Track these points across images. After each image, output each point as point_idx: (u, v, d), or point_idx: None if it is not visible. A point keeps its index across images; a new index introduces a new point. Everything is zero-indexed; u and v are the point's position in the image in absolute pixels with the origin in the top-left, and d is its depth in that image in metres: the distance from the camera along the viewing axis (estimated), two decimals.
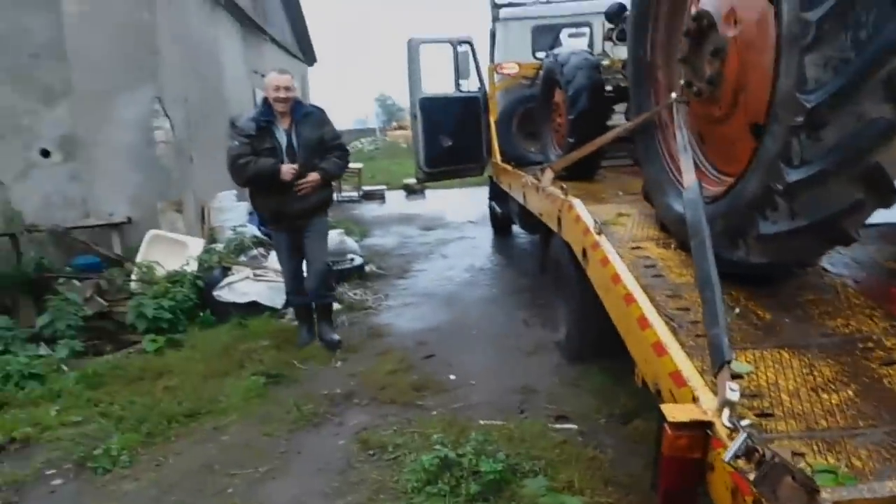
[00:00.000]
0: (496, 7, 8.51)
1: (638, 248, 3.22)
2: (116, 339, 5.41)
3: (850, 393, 2.13)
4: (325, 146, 4.86)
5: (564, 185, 4.09)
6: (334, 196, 8.14)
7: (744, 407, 2.00)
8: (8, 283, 6.15)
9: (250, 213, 8.69)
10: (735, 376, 2.09)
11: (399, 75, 66.98)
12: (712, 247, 2.36)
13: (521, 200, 5.88)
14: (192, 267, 6.19)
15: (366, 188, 15.98)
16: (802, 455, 1.81)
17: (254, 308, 5.76)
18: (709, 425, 1.84)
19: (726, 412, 1.79)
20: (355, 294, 6.60)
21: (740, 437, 1.61)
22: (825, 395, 2.12)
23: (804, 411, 2.04)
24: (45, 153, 7.03)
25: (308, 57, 19.37)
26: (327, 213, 5.21)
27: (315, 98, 19.00)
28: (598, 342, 4.04)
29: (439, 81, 9.08)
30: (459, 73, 8.38)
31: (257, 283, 5.94)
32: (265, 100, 4.79)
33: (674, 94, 3.13)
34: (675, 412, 1.91)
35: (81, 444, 3.63)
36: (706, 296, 2.17)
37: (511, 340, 5.12)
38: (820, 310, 2.64)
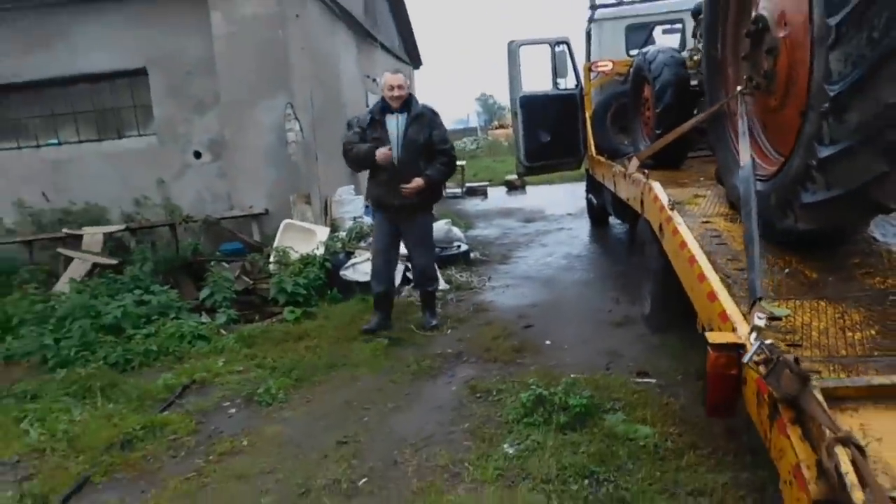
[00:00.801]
0: (593, 8, 8.98)
1: (708, 222, 3.72)
2: (262, 310, 6.40)
3: (873, 332, 2.58)
4: (432, 148, 5.19)
5: (646, 171, 4.61)
6: (443, 192, 8.83)
7: (778, 339, 2.50)
8: (170, 265, 7.36)
9: (366, 206, 9.67)
10: (774, 318, 2.62)
11: (500, 75, 67.56)
12: (769, 217, 2.86)
13: (612, 189, 6.38)
14: (321, 251, 7.12)
15: (469, 184, 16.72)
16: (819, 372, 2.30)
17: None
18: (741, 346, 2.37)
19: (754, 335, 2.32)
20: (461, 276, 7.32)
21: (756, 344, 2.15)
22: (850, 333, 2.58)
23: (829, 344, 2.52)
24: (198, 155, 8.25)
25: (414, 60, 20.37)
26: (431, 212, 5.49)
27: (420, 99, 20.01)
28: (677, 313, 4.51)
29: (538, 80, 9.71)
30: (557, 72, 8.96)
31: None
32: (382, 98, 5.24)
33: (739, 87, 3.60)
34: (716, 337, 2.45)
35: (246, 386, 4.55)
36: (749, 250, 2.68)
37: (602, 315, 5.66)
38: (862, 271, 3.06)
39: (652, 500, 2.80)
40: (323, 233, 7.61)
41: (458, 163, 18.16)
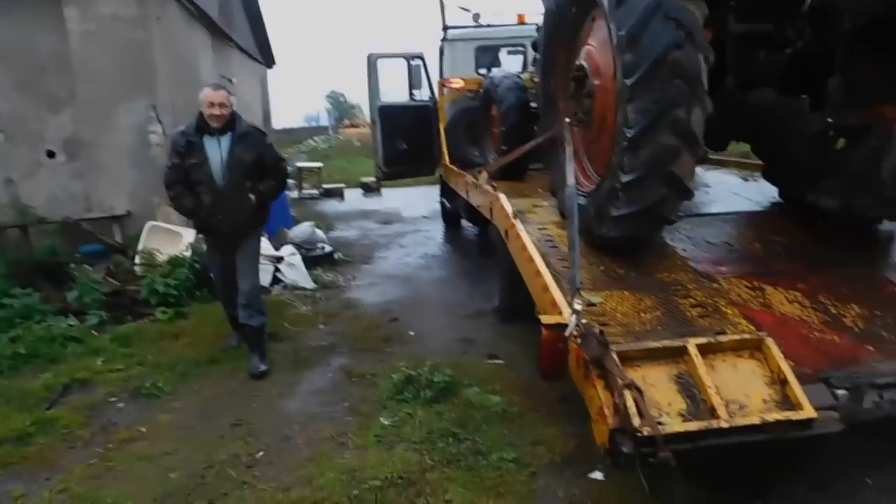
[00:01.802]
0: (445, 29, 9.80)
1: (544, 228, 4.56)
2: (133, 311, 6.49)
3: (659, 314, 3.50)
4: (264, 169, 4.89)
5: (494, 184, 5.41)
6: (296, 194, 9.11)
7: (592, 319, 3.31)
8: (23, 268, 7.17)
9: None
10: (590, 304, 3.45)
11: (350, 73, 67.74)
12: (589, 225, 3.72)
13: (465, 196, 7.18)
14: (189, 253, 7.28)
15: (325, 186, 17.05)
16: (619, 342, 3.13)
17: None
18: (566, 325, 3.16)
19: (574, 316, 3.11)
20: (328, 276, 7.81)
21: (573, 320, 2.94)
22: (644, 315, 3.48)
23: (628, 322, 3.40)
24: (51, 154, 8.03)
25: (267, 59, 20.29)
26: (260, 234, 5.26)
27: (271, 97, 19.98)
28: (521, 306, 5.35)
29: (395, 90, 10.40)
30: (412, 85, 9.71)
31: None
32: (200, 114, 4.72)
33: (567, 119, 4.47)
34: (547, 319, 3.22)
35: (131, 381, 4.80)
36: (571, 252, 3.50)
37: (457, 308, 6.44)
38: (656, 266, 4.02)
39: (501, 450, 3.55)
40: (190, 234, 7.75)
41: (316, 165, 18.47)
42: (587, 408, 2.98)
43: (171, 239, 7.55)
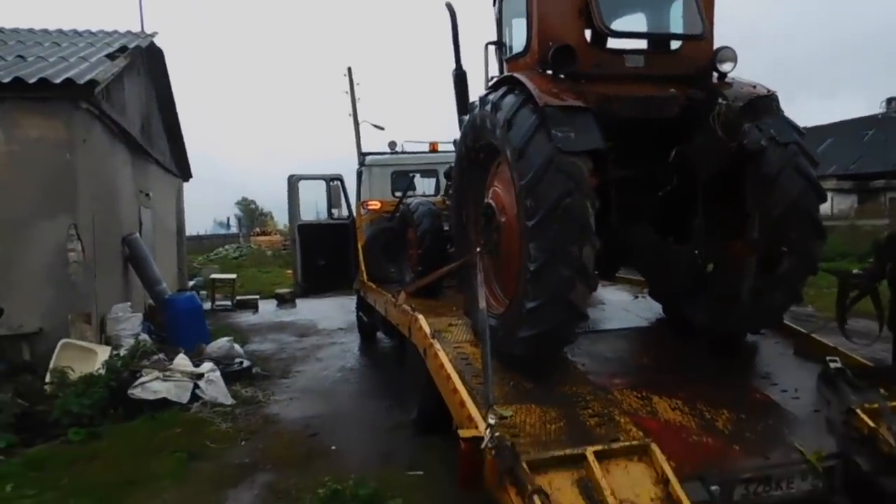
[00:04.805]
0: (362, 155, 10.55)
1: (459, 347, 5.02)
2: (43, 433, 6.32)
3: (562, 424, 3.96)
4: None
5: (413, 305, 5.88)
6: (208, 305, 8.97)
7: (504, 431, 3.71)
8: None
9: (143, 322, 9.78)
10: (503, 417, 3.88)
11: (261, 176, 68.37)
12: (500, 345, 4.21)
13: (383, 312, 7.60)
14: (103, 371, 7.22)
15: (239, 297, 17.01)
16: (528, 452, 3.54)
17: (163, 404, 6.90)
18: (482, 438, 3.55)
19: (488, 430, 3.51)
20: (246, 391, 7.87)
21: (488, 436, 3.34)
22: (549, 425, 3.94)
23: (536, 433, 3.84)
24: None
25: (184, 172, 20.51)
26: None
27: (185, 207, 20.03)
28: (438, 418, 5.69)
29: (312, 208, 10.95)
30: (332, 204, 10.30)
31: (166, 382, 7.10)
32: None
33: (478, 249, 5.06)
34: (465, 433, 3.62)
35: None
36: (484, 371, 3.95)
37: (377, 421, 6.69)
38: (560, 381, 4.52)
39: None
40: (104, 352, 7.71)
41: (229, 276, 18.45)
42: None
43: (85, 357, 7.49)
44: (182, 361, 7.67)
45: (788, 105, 4.96)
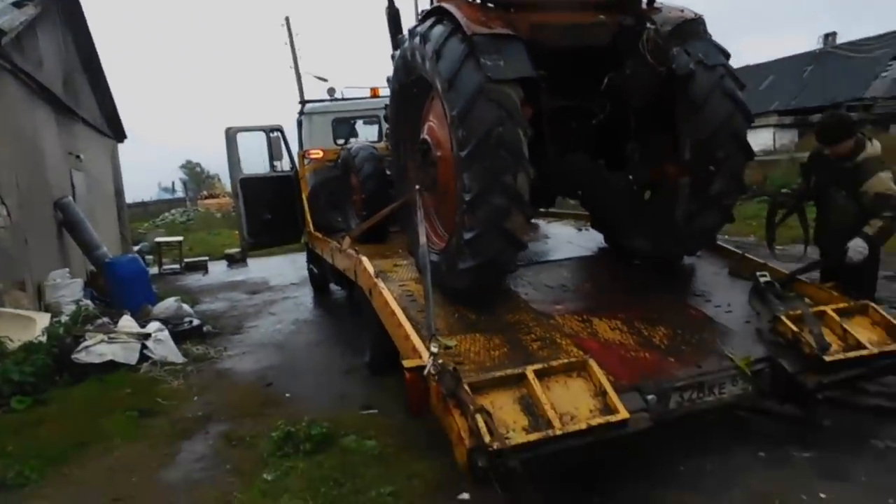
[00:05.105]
0: (302, 103, 10.30)
1: (404, 285, 5.05)
2: None
3: (506, 350, 4.06)
4: None
5: (357, 248, 5.86)
6: (156, 269, 8.78)
7: (449, 360, 3.78)
8: None
9: (85, 288, 9.54)
10: (447, 347, 3.94)
11: (206, 142, 66.64)
12: (442, 279, 4.25)
13: (331, 261, 7.56)
14: (44, 338, 7.04)
15: (187, 260, 16.67)
16: (472, 377, 3.63)
17: (111, 367, 6.79)
18: (424, 366, 3.61)
19: (431, 359, 3.57)
20: (198, 349, 7.79)
21: (430, 361, 3.41)
22: (493, 352, 4.03)
23: (480, 360, 3.92)
24: None
25: (117, 133, 19.73)
26: None
27: (123, 170, 19.36)
28: (390, 357, 5.76)
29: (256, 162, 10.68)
30: (273, 156, 10.06)
31: (112, 345, 6.97)
32: None
33: (417, 186, 5.04)
34: (409, 363, 3.68)
35: None
36: (426, 304, 4.00)
37: (331, 367, 6.73)
38: (503, 310, 4.61)
39: (379, 487, 3.90)
40: (44, 319, 7.50)
41: (176, 239, 18.04)
42: (447, 434, 3.43)
43: (24, 325, 7.27)
44: (127, 323, 7.54)
45: (733, 42, 5.00)
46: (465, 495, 3.77)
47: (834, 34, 34.66)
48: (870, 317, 4.44)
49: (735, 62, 4.91)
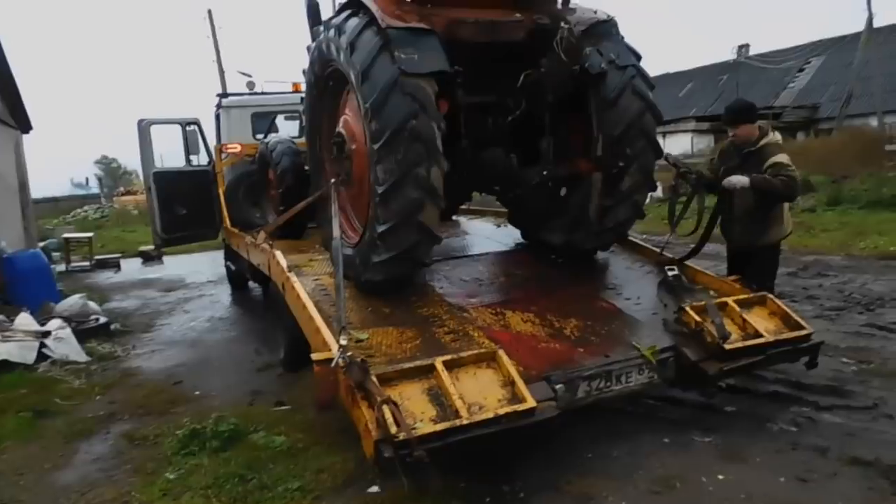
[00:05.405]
0: (220, 96, 10.00)
1: (318, 279, 4.97)
2: None
3: (418, 342, 4.05)
4: None
5: (271, 242, 5.73)
6: (63, 267, 8.34)
7: (360, 353, 3.75)
8: None
9: None
10: (359, 340, 3.90)
11: (121, 137, 63.94)
12: (356, 273, 4.19)
13: (247, 256, 7.37)
14: None
15: (98, 257, 15.88)
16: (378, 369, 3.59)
17: (5, 367, 6.38)
18: (332, 359, 3.55)
19: (339, 351, 3.52)
20: (103, 347, 7.42)
21: (338, 354, 3.36)
22: (405, 344, 4.02)
23: (391, 353, 3.90)
24: None
25: (22, 123, 18.62)
26: None
27: (30, 164, 18.28)
28: (304, 353, 5.65)
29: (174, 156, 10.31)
30: (189, 150, 9.72)
31: (6, 343, 6.56)
32: None
33: (332, 180, 4.97)
34: (317, 356, 3.61)
35: None
36: (337, 296, 3.94)
37: (245, 364, 6.55)
38: (417, 304, 4.60)
39: (286, 482, 3.82)
40: None
41: (86, 235, 17.20)
42: (356, 426, 3.39)
43: None
44: (25, 321, 7.11)
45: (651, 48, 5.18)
46: (375, 488, 3.73)
47: (747, 45, 36.58)
48: (768, 307, 4.67)
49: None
